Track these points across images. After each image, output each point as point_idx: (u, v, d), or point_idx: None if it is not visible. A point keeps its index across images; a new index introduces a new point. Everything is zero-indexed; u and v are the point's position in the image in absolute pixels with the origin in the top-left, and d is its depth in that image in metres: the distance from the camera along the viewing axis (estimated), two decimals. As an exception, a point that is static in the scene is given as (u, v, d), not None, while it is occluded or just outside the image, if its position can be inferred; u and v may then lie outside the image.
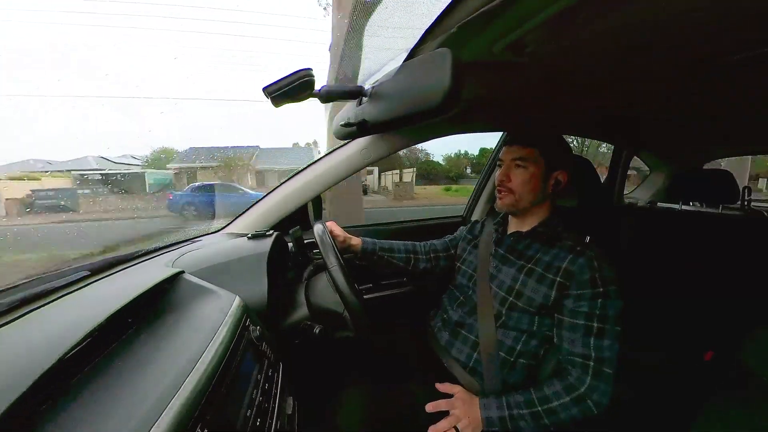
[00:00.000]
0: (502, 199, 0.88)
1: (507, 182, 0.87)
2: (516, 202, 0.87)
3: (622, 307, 0.75)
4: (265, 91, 0.64)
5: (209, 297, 0.60)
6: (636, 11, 0.50)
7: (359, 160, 1.07)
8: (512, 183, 0.86)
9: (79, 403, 0.34)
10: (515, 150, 0.86)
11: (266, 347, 0.61)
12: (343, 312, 0.77)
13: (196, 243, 0.95)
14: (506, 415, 0.72)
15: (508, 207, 0.88)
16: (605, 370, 0.71)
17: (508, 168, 0.87)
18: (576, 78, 0.85)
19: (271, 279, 0.74)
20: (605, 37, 0.60)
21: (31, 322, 0.45)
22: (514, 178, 0.86)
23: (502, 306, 0.83)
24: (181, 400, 0.36)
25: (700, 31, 0.57)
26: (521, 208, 0.88)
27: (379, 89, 0.67)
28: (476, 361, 0.84)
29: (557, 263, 0.78)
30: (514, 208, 0.88)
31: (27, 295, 0.49)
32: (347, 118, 0.80)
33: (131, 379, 0.39)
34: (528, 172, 0.85)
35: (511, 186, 0.86)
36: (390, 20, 0.66)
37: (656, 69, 0.77)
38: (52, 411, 0.33)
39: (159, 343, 0.46)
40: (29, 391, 0.30)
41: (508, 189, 0.87)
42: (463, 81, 0.49)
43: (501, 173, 0.88)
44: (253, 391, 0.50)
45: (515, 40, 0.59)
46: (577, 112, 1.20)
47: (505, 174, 0.87)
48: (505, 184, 0.87)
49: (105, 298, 0.53)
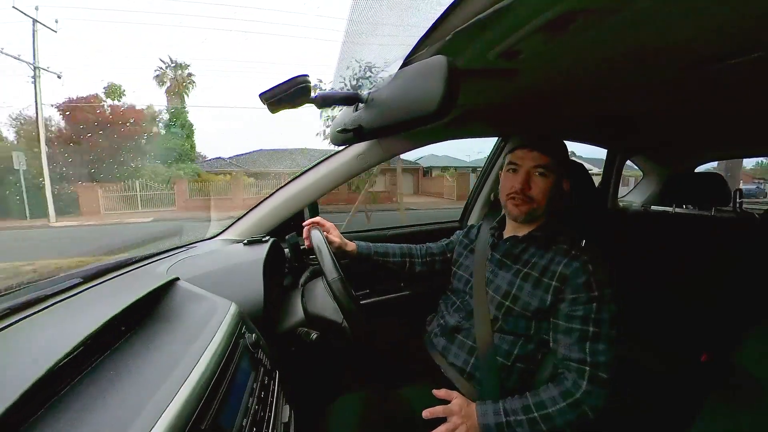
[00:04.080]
0: (519, 207, 0.84)
1: (528, 190, 0.83)
2: (534, 211, 0.84)
3: (617, 310, 0.75)
4: (262, 98, 0.64)
5: (204, 304, 0.60)
6: (628, 19, 0.51)
7: (356, 165, 1.07)
8: (533, 191, 0.83)
9: (71, 414, 0.33)
10: (537, 157, 0.82)
11: (262, 354, 0.61)
12: (342, 322, 0.77)
13: (191, 249, 0.94)
14: (503, 422, 0.72)
15: (525, 215, 0.84)
16: (601, 375, 0.71)
17: (528, 175, 0.83)
18: (569, 83, 0.86)
19: (267, 285, 0.73)
20: (598, 43, 0.61)
21: (22, 332, 0.44)
22: (534, 186, 0.83)
23: (498, 311, 0.83)
24: (176, 408, 0.35)
25: (692, 37, 0.58)
26: (536, 216, 0.86)
27: (376, 95, 0.68)
28: (473, 366, 0.83)
29: (553, 267, 0.78)
30: (531, 216, 0.85)
31: (17, 304, 0.48)
32: (344, 124, 0.80)
33: (125, 387, 0.38)
34: (548, 181, 0.83)
35: (532, 194, 0.83)
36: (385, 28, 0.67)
37: (648, 74, 0.78)
38: (42, 422, 0.32)
39: (153, 352, 0.46)
40: (18, 402, 0.30)
41: (528, 197, 0.83)
42: (458, 87, 0.50)
43: (519, 180, 0.83)
44: (248, 399, 0.49)
45: (509, 47, 0.60)
46: (570, 116, 1.22)
47: (525, 182, 0.83)
48: (525, 192, 0.83)
49: (98, 305, 0.52)
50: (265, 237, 0.92)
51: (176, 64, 19.34)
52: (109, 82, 17.59)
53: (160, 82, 19.25)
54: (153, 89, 23.34)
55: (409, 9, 0.61)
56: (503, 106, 1.05)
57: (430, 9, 0.53)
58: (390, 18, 0.65)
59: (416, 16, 0.58)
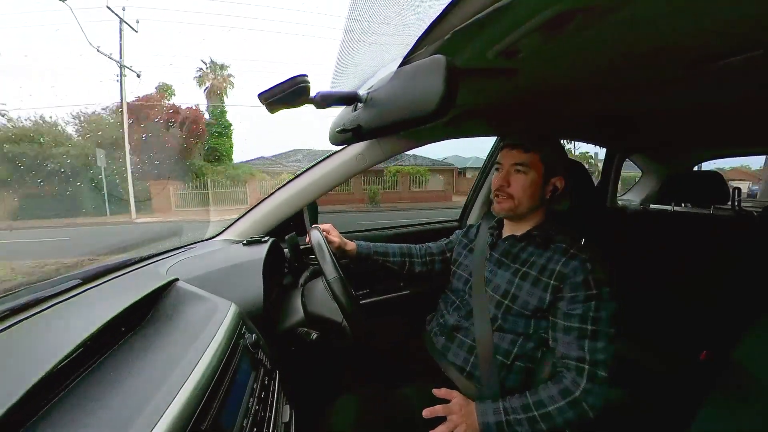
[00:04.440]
0: (501, 204, 0.87)
1: (507, 187, 0.86)
2: (515, 208, 0.86)
3: (615, 308, 0.75)
4: (261, 98, 0.64)
5: (204, 304, 0.60)
6: (627, 17, 0.51)
7: (355, 165, 1.08)
8: (512, 188, 0.85)
9: (71, 415, 0.33)
10: (516, 155, 0.85)
11: (262, 354, 0.61)
12: (341, 322, 0.77)
13: (191, 250, 0.94)
14: (503, 420, 0.72)
15: (506, 212, 0.88)
16: (600, 373, 0.71)
17: (508, 173, 0.86)
18: (568, 82, 0.86)
19: (267, 285, 0.73)
20: (597, 42, 0.61)
21: (21, 333, 0.44)
22: (513, 183, 0.85)
23: (497, 310, 0.83)
24: (176, 409, 0.35)
25: (691, 36, 0.58)
26: (519, 214, 0.88)
27: (375, 95, 0.68)
28: (473, 365, 0.84)
29: (551, 266, 0.79)
30: (513, 213, 0.87)
31: (16, 305, 0.48)
32: (343, 124, 0.80)
33: (125, 388, 0.38)
34: (528, 178, 0.84)
35: (511, 191, 0.85)
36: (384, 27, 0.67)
37: (648, 73, 0.78)
38: (43, 422, 0.32)
39: (153, 352, 0.46)
40: (19, 402, 0.30)
41: (508, 194, 0.86)
42: (457, 87, 0.50)
43: (500, 178, 0.87)
44: (249, 400, 0.49)
45: (508, 46, 0.60)
46: (569, 115, 1.22)
47: (505, 179, 0.86)
48: (504, 189, 0.86)
49: (98, 307, 0.52)
50: (265, 237, 0.92)
51: (217, 64, 19.41)
52: (161, 81, 17.69)
53: (201, 83, 19.31)
54: (193, 89, 23.23)
55: (408, 8, 0.60)
56: (502, 105, 1.05)
57: (428, 8, 0.53)
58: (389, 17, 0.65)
59: (415, 15, 0.57)
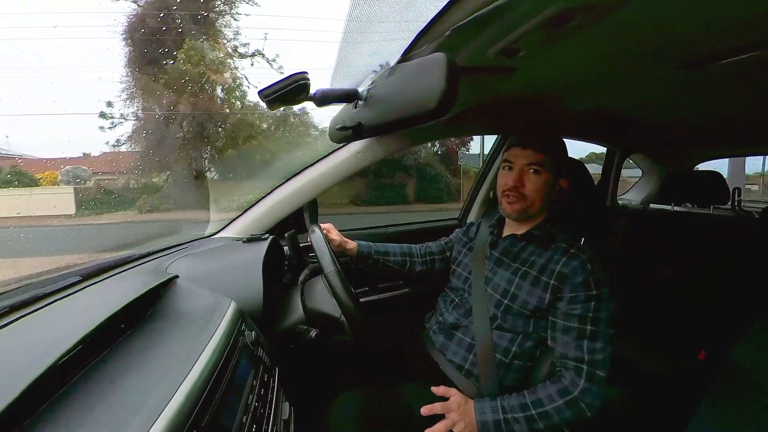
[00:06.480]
0: (513, 205, 0.84)
1: (521, 188, 0.83)
2: (527, 208, 0.84)
3: (615, 309, 0.75)
4: (261, 95, 0.64)
5: (204, 302, 0.60)
6: (628, 16, 0.51)
7: (355, 163, 1.07)
8: (526, 188, 0.83)
9: (71, 412, 0.34)
10: (530, 154, 0.82)
11: (262, 352, 0.61)
12: (340, 317, 0.77)
13: (190, 247, 0.94)
14: (501, 419, 0.72)
15: (518, 213, 0.85)
16: (598, 373, 0.71)
17: (522, 173, 0.83)
18: (569, 81, 0.86)
19: (267, 283, 0.73)
20: (597, 41, 0.61)
21: (20, 330, 0.44)
22: (528, 183, 0.83)
23: (497, 309, 0.83)
24: (176, 406, 0.35)
25: (693, 35, 0.58)
26: (530, 214, 0.86)
27: (375, 93, 0.67)
28: (472, 363, 0.84)
29: (552, 266, 0.79)
30: (525, 214, 0.85)
31: (17, 302, 0.48)
32: (343, 122, 0.80)
33: (124, 385, 0.38)
34: (542, 179, 0.82)
35: (525, 192, 0.83)
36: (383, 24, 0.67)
37: (648, 72, 0.78)
38: (42, 420, 0.32)
39: (153, 349, 0.46)
40: (19, 399, 0.30)
41: (521, 195, 0.83)
42: (458, 84, 0.50)
43: (512, 178, 0.84)
44: (248, 397, 0.49)
45: (509, 44, 0.60)
46: (569, 114, 1.22)
47: (519, 179, 0.83)
48: (519, 190, 0.83)
49: (97, 303, 0.52)
50: (265, 234, 0.92)
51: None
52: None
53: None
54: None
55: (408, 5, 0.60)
56: (503, 103, 1.05)
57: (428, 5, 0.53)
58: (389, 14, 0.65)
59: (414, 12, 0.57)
